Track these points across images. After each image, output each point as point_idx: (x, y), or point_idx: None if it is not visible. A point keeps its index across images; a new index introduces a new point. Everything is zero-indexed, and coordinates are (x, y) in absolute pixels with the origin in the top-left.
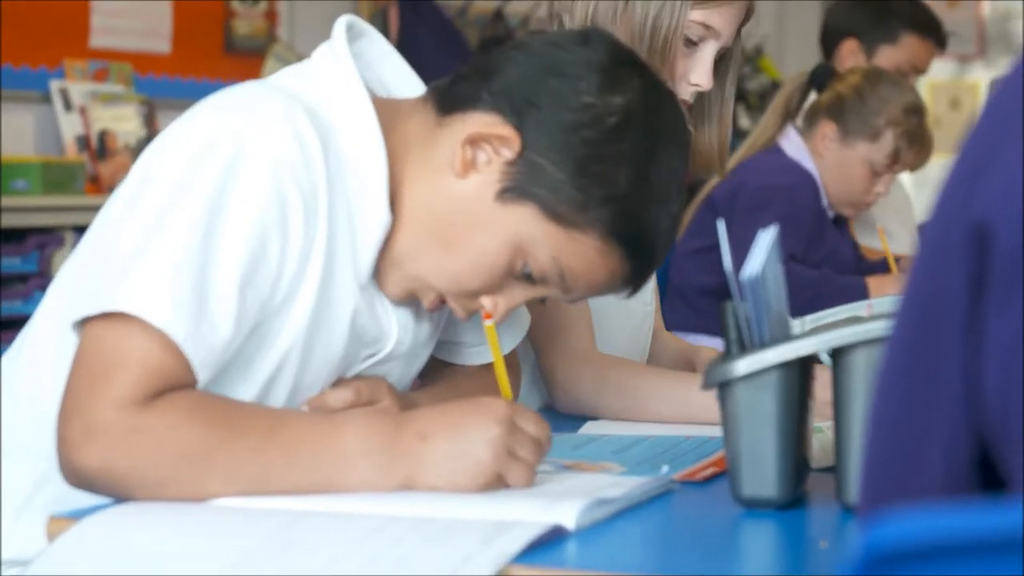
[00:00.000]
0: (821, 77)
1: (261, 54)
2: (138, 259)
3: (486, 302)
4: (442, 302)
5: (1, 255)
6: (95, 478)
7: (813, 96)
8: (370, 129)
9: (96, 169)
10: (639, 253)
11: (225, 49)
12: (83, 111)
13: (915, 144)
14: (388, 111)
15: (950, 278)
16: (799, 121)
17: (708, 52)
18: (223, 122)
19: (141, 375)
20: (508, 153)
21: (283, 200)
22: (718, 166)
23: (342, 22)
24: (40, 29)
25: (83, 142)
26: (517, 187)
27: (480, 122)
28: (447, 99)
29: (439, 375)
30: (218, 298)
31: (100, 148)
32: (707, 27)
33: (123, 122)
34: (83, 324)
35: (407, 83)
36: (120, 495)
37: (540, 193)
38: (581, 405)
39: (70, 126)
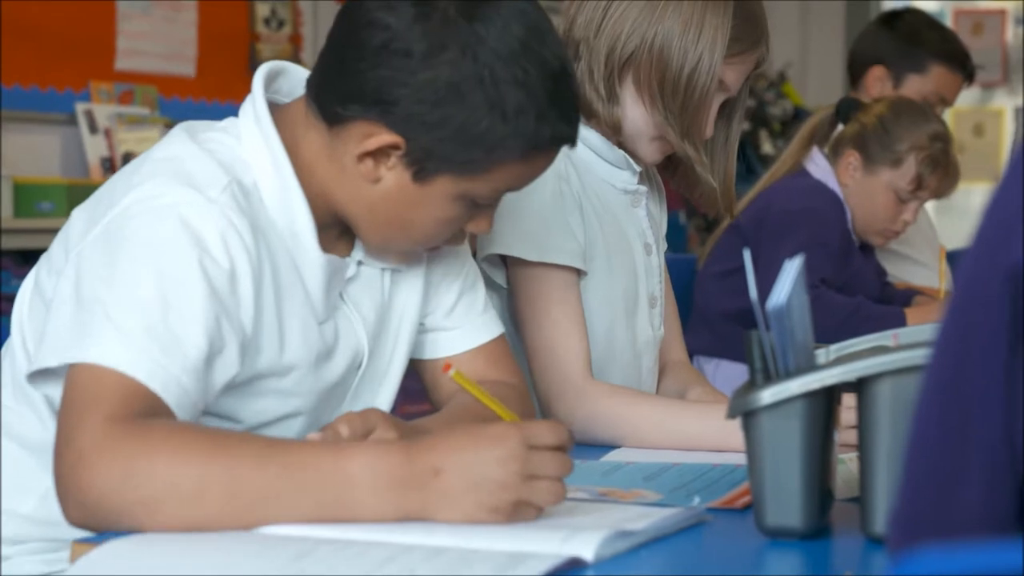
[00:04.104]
0: (847, 109)
1: None
2: (98, 310)
3: (470, 229)
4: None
5: (25, 277)
6: (91, 505)
7: (839, 128)
8: (291, 186)
9: None
10: (556, 127)
11: (249, 72)
12: (108, 133)
13: (938, 169)
14: (293, 136)
15: (987, 323)
16: (826, 149)
17: (714, 105)
18: (167, 193)
19: (122, 397)
20: (398, 150)
21: (229, 255)
22: (723, 208)
23: (261, 71)
24: (66, 52)
25: (108, 164)
26: (423, 168)
27: (360, 135)
28: (324, 113)
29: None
30: (179, 339)
31: None
32: (719, 81)
33: (148, 144)
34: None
35: None
36: (117, 523)
37: (445, 163)
38: (575, 435)
39: (95, 148)
